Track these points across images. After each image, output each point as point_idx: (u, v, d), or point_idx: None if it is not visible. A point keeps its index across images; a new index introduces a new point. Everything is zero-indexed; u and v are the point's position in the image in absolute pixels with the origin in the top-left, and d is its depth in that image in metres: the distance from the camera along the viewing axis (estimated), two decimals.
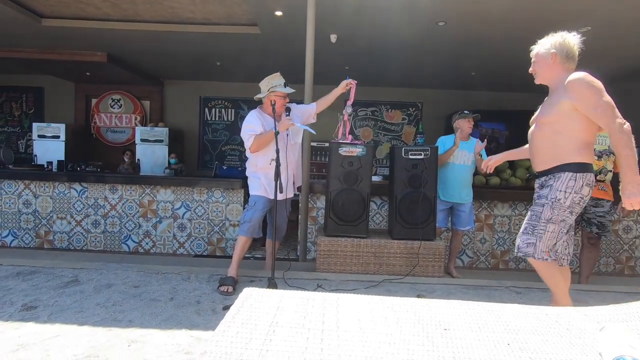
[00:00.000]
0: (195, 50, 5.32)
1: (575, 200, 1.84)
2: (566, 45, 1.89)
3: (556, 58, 1.89)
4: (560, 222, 1.88)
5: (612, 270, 4.03)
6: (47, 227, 4.15)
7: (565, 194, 1.83)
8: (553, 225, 1.87)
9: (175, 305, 2.23)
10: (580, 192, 1.83)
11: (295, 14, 3.80)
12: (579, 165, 1.83)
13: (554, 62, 1.90)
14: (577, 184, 1.82)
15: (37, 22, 4.43)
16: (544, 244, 1.88)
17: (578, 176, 1.82)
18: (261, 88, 2.74)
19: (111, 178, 4.19)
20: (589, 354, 0.92)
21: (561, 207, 1.85)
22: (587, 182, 1.83)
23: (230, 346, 0.88)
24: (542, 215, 1.89)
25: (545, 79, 1.99)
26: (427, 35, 4.30)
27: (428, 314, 1.10)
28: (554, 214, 1.86)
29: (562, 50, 1.89)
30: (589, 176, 1.83)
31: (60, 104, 7.39)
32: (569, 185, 1.82)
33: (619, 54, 4.72)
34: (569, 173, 1.83)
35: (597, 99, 1.76)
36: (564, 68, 1.90)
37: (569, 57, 1.90)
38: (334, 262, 3.07)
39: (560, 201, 1.84)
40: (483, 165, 2.35)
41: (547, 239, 1.87)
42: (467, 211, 3.34)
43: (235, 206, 4.10)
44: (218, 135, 7.51)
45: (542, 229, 1.88)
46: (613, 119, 1.71)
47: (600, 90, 1.77)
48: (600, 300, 2.60)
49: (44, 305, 2.15)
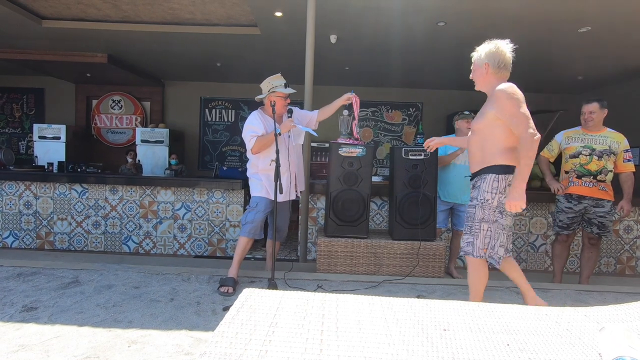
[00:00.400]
0: (196, 51, 5.33)
1: (502, 200, 1.95)
2: (499, 55, 1.97)
3: (489, 68, 1.98)
4: (493, 222, 1.98)
5: (612, 270, 4.02)
6: (48, 228, 4.16)
7: (491, 194, 1.95)
8: (486, 224, 1.99)
9: (176, 306, 2.23)
10: (504, 192, 1.95)
11: (295, 14, 3.81)
12: (502, 167, 1.94)
13: (487, 72, 1.99)
14: (501, 185, 1.94)
15: (38, 24, 4.44)
16: (480, 242, 2.00)
17: (500, 177, 1.94)
18: (262, 89, 2.74)
19: (112, 179, 4.20)
20: (589, 354, 0.92)
21: (490, 207, 1.97)
22: (509, 182, 1.94)
23: (230, 347, 0.88)
24: (475, 216, 2.02)
25: (481, 87, 2.09)
26: (427, 36, 4.30)
27: (428, 315, 1.10)
28: (485, 213, 1.98)
29: (495, 60, 1.97)
30: (511, 177, 1.94)
31: (61, 105, 7.40)
32: (493, 186, 1.95)
33: (618, 54, 4.71)
34: (492, 174, 1.95)
35: (515, 110, 1.86)
36: (497, 77, 1.99)
37: (501, 67, 1.98)
38: (334, 263, 3.07)
39: (488, 201, 1.96)
40: (425, 144, 2.51)
41: (483, 237, 1.99)
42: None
43: (236, 207, 4.10)
44: (218, 136, 7.51)
45: (477, 228, 2.00)
46: (526, 129, 1.84)
47: (519, 101, 1.87)
48: (601, 301, 2.60)
49: (45, 306, 2.16)
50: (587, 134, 3.02)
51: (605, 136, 2.99)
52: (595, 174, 2.96)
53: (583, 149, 2.99)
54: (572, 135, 3.09)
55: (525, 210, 3.95)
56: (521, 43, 4.55)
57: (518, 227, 4.00)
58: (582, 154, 2.99)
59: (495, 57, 1.96)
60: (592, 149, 2.97)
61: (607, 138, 2.98)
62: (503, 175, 1.94)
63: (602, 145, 2.97)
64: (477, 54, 2.06)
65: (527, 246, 4.02)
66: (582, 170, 2.99)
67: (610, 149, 2.95)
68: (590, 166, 2.97)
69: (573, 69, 5.48)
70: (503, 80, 1.99)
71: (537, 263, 4.02)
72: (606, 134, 3.00)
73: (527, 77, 6.03)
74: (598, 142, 2.98)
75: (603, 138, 2.98)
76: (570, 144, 3.06)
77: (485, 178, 1.98)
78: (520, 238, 4.01)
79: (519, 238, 4.01)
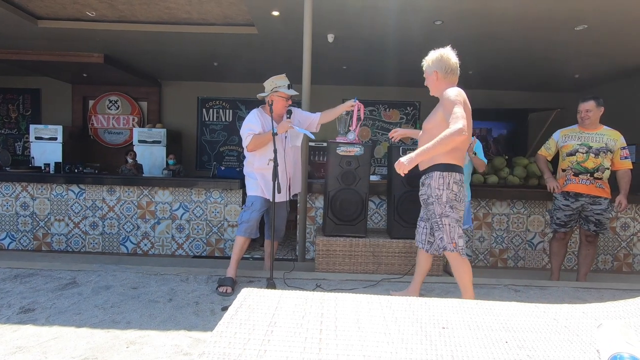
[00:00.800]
0: (192, 51, 5.31)
1: (450, 197, 2.11)
2: (444, 62, 2.13)
3: (438, 74, 2.15)
4: (447, 216, 2.14)
5: (610, 267, 4.04)
6: (45, 229, 4.14)
7: (439, 190, 2.11)
8: (446, 218, 2.14)
9: (174, 307, 2.23)
10: (450, 188, 2.10)
11: (292, 13, 3.80)
12: (446, 165, 2.11)
13: (437, 79, 2.16)
14: (445, 181, 2.10)
15: (33, 24, 4.42)
16: (447, 236, 2.14)
17: (445, 174, 2.10)
18: (265, 87, 2.73)
19: (109, 180, 4.18)
20: (587, 351, 0.92)
21: (441, 202, 2.12)
22: (454, 180, 2.11)
23: (229, 347, 0.88)
24: (435, 213, 2.16)
25: (434, 93, 2.25)
26: (424, 34, 4.30)
27: (426, 313, 1.10)
28: (442, 208, 2.13)
29: (442, 67, 2.13)
30: (454, 175, 2.11)
31: (57, 106, 7.37)
32: (439, 183, 2.11)
33: (615, 52, 4.73)
34: (437, 172, 2.12)
35: (452, 108, 2.00)
36: (447, 82, 2.15)
37: (448, 72, 2.14)
38: (333, 262, 3.07)
39: (440, 197, 2.12)
40: (390, 134, 2.67)
41: (448, 231, 2.14)
42: (465, 210, 3.34)
43: (234, 207, 4.09)
44: (216, 136, 7.50)
45: (441, 224, 2.15)
46: (455, 122, 1.95)
47: (457, 102, 2.01)
48: (598, 298, 2.61)
49: (42, 308, 2.15)
50: (583, 132, 3.04)
51: (602, 134, 3.00)
52: (592, 172, 2.97)
53: (580, 147, 3.01)
54: (569, 134, 3.10)
55: (520, 207, 3.98)
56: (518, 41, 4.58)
57: (516, 225, 4.01)
58: (579, 151, 3.01)
59: (442, 64, 2.13)
60: (589, 146, 2.98)
61: (604, 136, 2.99)
62: (447, 173, 2.10)
63: (598, 143, 2.98)
64: (426, 63, 2.21)
65: (525, 244, 4.03)
66: (579, 168, 3.00)
67: (607, 147, 2.96)
68: (587, 164, 2.98)
69: (570, 67, 5.50)
70: (452, 84, 2.15)
71: (535, 261, 4.04)
72: (603, 132, 3.01)
73: (525, 76, 6.05)
74: (595, 139, 2.99)
75: (600, 136, 2.99)
76: (567, 142, 3.07)
77: (432, 175, 2.13)
78: (518, 236, 4.02)
79: (517, 236, 4.02)
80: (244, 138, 2.66)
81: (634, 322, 1.07)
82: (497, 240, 4.03)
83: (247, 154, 2.73)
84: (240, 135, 2.73)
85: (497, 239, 4.03)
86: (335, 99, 7.26)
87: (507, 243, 4.03)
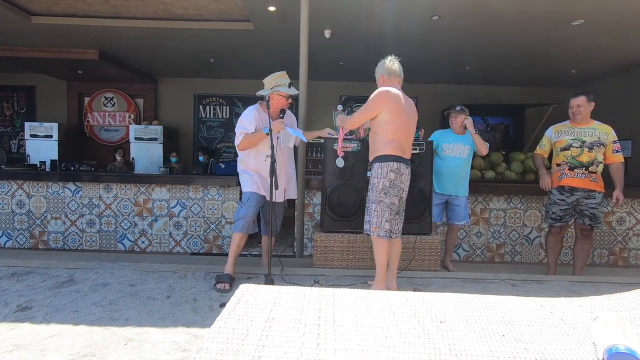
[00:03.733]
0: (189, 47, 5.28)
1: (386, 184, 2.36)
2: (387, 67, 2.49)
3: (382, 77, 2.51)
4: (379, 202, 2.37)
5: (606, 261, 4.07)
6: (42, 227, 4.12)
7: (377, 179, 2.37)
8: (375, 204, 2.38)
9: (172, 303, 2.23)
10: (387, 176, 2.36)
11: (288, 9, 3.78)
12: (384, 156, 2.38)
13: (383, 81, 2.51)
14: (383, 171, 2.36)
15: (27, 20, 4.37)
16: (373, 219, 2.39)
17: (384, 165, 2.36)
18: (265, 84, 2.69)
19: (105, 177, 4.16)
20: (583, 343, 0.93)
21: (376, 189, 2.38)
22: (391, 169, 2.36)
23: (227, 342, 0.88)
24: (369, 198, 2.44)
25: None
26: (421, 30, 4.29)
27: (424, 307, 1.10)
28: (374, 195, 2.39)
29: (385, 71, 2.49)
30: (391, 164, 2.36)
31: (53, 103, 7.31)
32: (378, 172, 2.38)
33: (611, 47, 4.74)
34: (377, 163, 2.39)
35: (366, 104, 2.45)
36: (389, 83, 2.48)
37: (390, 75, 2.48)
38: (331, 258, 3.07)
39: (375, 185, 2.38)
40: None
41: (375, 216, 2.38)
42: (462, 205, 3.36)
43: (231, 203, 4.09)
44: (213, 133, 7.47)
45: (371, 209, 2.41)
46: (355, 114, 2.54)
47: (371, 100, 2.42)
48: (594, 291, 2.63)
49: (39, 306, 2.14)
50: (576, 127, 3.06)
51: (594, 128, 3.02)
52: (587, 165, 2.99)
53: (573, 142, 3.03)
54: (561, 129, 3.12)
55: (517, 202, 4.00)
56: (515, 37, 4.58)
57: (513, 220, 4.03)
58: (572, 146, 3.03)
59: (385, 69, 2.49)
60: (582, 141, 3.00)
61: (596, 130, 3.01)
62: (385, 163, 2.36)
63: (591, 137, 3.00)
64: (377, 69, 2.56)
65: (521, 239, 4.05)
66: (574, 162, 3.02)
67: (599, 140, 2.99)
68: (581, 158, 3.00)
69: (567, 63, 5.51)
70: (393, 84, 2.47)
71: (531, 255, 4.06)
72: (594, 126, 3.03)
73: (521, 71, 6.05)
74: (587, 134, 3.01)
75: (592, 130, 3.02)
76: (561, 137, 3.09)
77: (374, 166, 2.42)
78: (515, 231, 4.04)
79: (514, 231, 4.04)
80: (236, 136, 2.65)
81: (630, 315, 1.08)
82: (495, 235, 4.05)
83: (241, 153, 2.71)
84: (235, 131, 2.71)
85: (495, 234, 4.05)
86: (333, 96, 7.25)
87: (504, 238, 4.05)
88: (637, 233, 4.04)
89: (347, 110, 3.00)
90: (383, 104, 2.38)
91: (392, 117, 2.37)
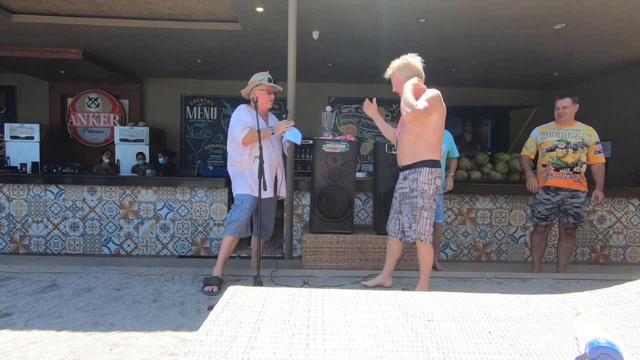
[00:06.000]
0: (175, 48, 5.22)
1: (434, 190, 2.32)
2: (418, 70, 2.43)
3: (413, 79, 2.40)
4: (430, 208, 2.33)
5: (587, 259, 4.18)
6: (22, 231, 4.00)
7: (428, 185, 2.30)
8: (428, 212, 2.32)
9: (159, 307, 2.19)
10: (435, 182, 2.31)
11: (276, 10, 3.77)
12: (432, 161, 2.31)
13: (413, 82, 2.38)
14: (433, 176, 2.31)
15: (7, 18, 4.25)
16: (422, 227, 2.33)
17: (433, 170, 2.31)
18: (248, 84, 2.71)
19: (89, 179, 4.07)
20: (566, 338, 0.95)
21: (427, 195, 2.31)
22: (438, 174, 2.33)
23: (215, 345, 0.87)
24: (414, 205, 2.33)
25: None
26: (408, 32, 4.34)
27: (412, 306, 1.11)
28: (425, 202, 2.31)
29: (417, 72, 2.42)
30: (438, 170, 2.33)
31: (34, 104, 7.12)
32: (428, 178, 2.30)
33: (592, 50, 4.87)
34: (427, 168, 2.30)
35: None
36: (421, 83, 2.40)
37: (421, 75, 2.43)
38: (320, 259, 3.07)
39: (426, 192, 2.30)
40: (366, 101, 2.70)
41: (428, 224, 2.33)
42: (440, 204, 3.41)
43: (220, 205, 4.05)
44: (200, 134, 7.39)
45: (423, 217, 2.33)
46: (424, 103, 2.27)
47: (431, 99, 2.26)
48: (577, 288, 2.70)
49: (20, 312, 2.08)
50: (560, 128, 3.13)
51: (578, 129, 3.10)
52: (572, 166, 3.07)
53: (559, 143, 3.10)
54: (546, 130, 3.19)
55: (503, 202, 4.07)
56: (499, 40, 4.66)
57: (498, 219, 4.10)
58: (558, 147, 3.10)
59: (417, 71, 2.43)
60: (567, 142, 3.08)
61: (580, 131, 3.09)
62: (435, 169, 2.31)
63: (575, 138, 3.08)
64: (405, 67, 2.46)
65: (507, 238, 4.12)
66: (560, 163, 3.09)
67: (583, 142, 3.06)
68: (567, 159, 3.07)
69: (549, 65, 5.64)
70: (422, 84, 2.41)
71: (517, 254, 4.14)
72: (578, 128, 3.11)
73: (506, 73, 6.18)
74: (572, 135, 3.09)
75: (576, 131, 3.09)
76: (546, 139, 3.16)
77: (421, 171, 2.30)
78: (500, 230, 4.11)
79: (499, 230, 4.11)
80: (238, 132, 2.58)
81: (611, 310, 1.11)
82: (481, 235, 4.11)
83: (233, 153, 2.68)
84: (230, 130, 2.66)
85: (481, 234, 4.11)
86: (321, 97, 7.26)
87: (490, 237, 4.11)
88: (618, 231, 4.16)
89: (335, 111, 3.00)
90: (439, 106, 2.29)
91: (442, 121, 2.32)
